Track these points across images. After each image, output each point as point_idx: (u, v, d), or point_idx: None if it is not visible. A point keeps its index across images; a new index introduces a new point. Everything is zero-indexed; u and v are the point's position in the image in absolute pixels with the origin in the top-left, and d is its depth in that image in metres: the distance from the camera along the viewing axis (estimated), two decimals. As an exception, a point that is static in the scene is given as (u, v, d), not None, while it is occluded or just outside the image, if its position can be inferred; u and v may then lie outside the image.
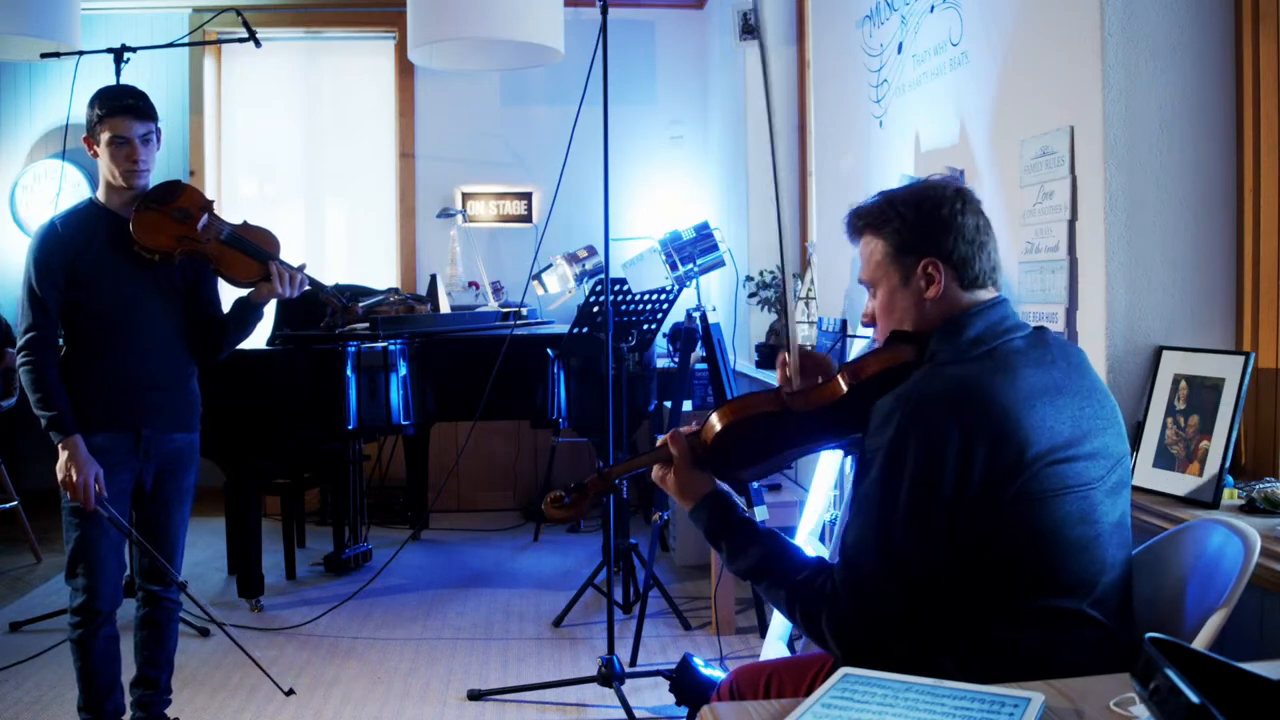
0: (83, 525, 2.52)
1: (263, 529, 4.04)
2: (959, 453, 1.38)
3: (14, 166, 5.69)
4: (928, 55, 2.97)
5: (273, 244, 2.75)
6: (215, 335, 2.75)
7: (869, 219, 1.61)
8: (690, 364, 3.77)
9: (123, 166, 2.54)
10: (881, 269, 1.59)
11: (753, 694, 1.74)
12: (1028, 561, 1.41)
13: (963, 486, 1.38)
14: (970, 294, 1.55)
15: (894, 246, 1.57)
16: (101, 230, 2.57)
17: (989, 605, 1.42)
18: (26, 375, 2.51)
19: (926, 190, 1.58)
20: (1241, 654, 1.32)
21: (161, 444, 2.65)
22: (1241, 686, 0.97)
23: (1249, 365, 1.90)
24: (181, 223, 2.60)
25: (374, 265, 5.94)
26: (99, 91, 2.57)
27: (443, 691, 3.19)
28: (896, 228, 1.57)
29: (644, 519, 4.91)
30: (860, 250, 1.65)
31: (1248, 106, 2.09)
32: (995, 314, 1.53)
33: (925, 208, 1.55)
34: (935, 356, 1.52)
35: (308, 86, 6.00)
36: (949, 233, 1.54)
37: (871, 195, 1.64)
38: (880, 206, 1.60)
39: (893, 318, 1.60)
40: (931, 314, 1.56)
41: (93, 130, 2.53)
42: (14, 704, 3.05)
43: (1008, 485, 1.38)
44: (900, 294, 1.58)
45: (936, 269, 1.54)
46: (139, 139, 2.53)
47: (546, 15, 3.69)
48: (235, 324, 2.74)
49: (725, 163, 5.52)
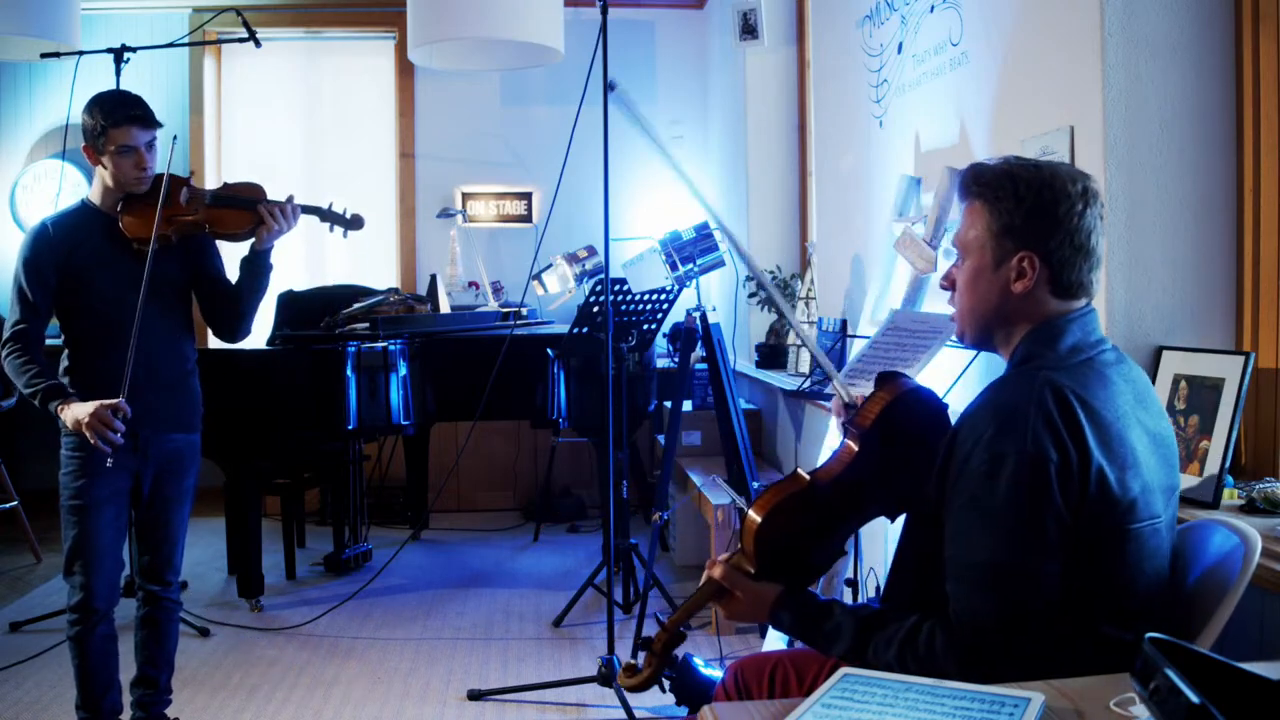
0: (80, 523, 2.52)
1: (263, 529, 4.04)
2: (1066, 462, 1.32)
3: (14, 166, 5.69)
4: (928, 55, 2.97)
5: (257, 190, 2.76)
6: (234, 305, 2.73)
7: (985, 188, 1.49)
8: (690, 364, 3.77)
9: (131, 174, 2.55)
10: (978, 243, 1.50)
11: (757, 684, 1.73)
12: (1111, 590, 1.37)
13: (1068, 497, 1.33)
14: (1060, 301, 1.47)
15: (999, 226, 1.47)
16: (95, 231, 2.57)
17: (1073, 626, 1.37)
18: (11, 364, 2.52)
19: (1054, 178, 1.46)
20: (1241, 654, 1.32)
21: (160, 444, 2.64)
22: (1241, 686, 0.97)
23: (1249, 365, 1.90)
24: (165, 205, 2.61)
25: (374, 265, 5.94)
26: (99, 100, 2.54)
27: (443, 691, 3.19)
28: (1009, 207, 1.46)
29: (644, 519, 4.91)
30: (964, 212, 1.54)
31: (1248, 106, 2.09)
32: (1090, 322, 1.47)
33: (1045, 197, 1.44)
34: (1028, 360, 1.45)
35: (308, 86, 6.00)
36: (1059, 232, 1.44)
37: (1000, 157, 1.53)
38: (1001, 178, 1.48)
39: (973, 298, 1.52)
40: (1011, 309, 1.48)
41: (95, 138, 2.52)
42: (14, 704, 3.05)
43: (1109, 505, 1.34)
44: (987, 277, 1.49)
45: (1032, 265, 1.45)
46: (145, 146, 2.55)
47: (546, 15, 3.69)
48: (248, 281, 2.72)
49: (725, 163, 5.52)
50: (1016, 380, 1.42)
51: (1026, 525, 1.33)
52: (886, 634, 1.43)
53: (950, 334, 2.51)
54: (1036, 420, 1.34)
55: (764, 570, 1.55)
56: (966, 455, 1.39)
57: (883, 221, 3.27)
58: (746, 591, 1.56)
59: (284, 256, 2.78)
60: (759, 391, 4.88)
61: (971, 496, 1.37)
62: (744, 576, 1.56)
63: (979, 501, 1.36)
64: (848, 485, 1.58)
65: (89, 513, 2.52)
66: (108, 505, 2.55)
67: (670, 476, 3.82)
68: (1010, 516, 1.33)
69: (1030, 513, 1.33)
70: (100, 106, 2.52)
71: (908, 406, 1.64)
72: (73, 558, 2.54)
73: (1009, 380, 1.44)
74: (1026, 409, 1.35)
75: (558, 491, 5.47)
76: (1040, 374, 1.40)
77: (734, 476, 3.59)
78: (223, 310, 2.75)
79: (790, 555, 1.58)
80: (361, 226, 2.99)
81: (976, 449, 1.37)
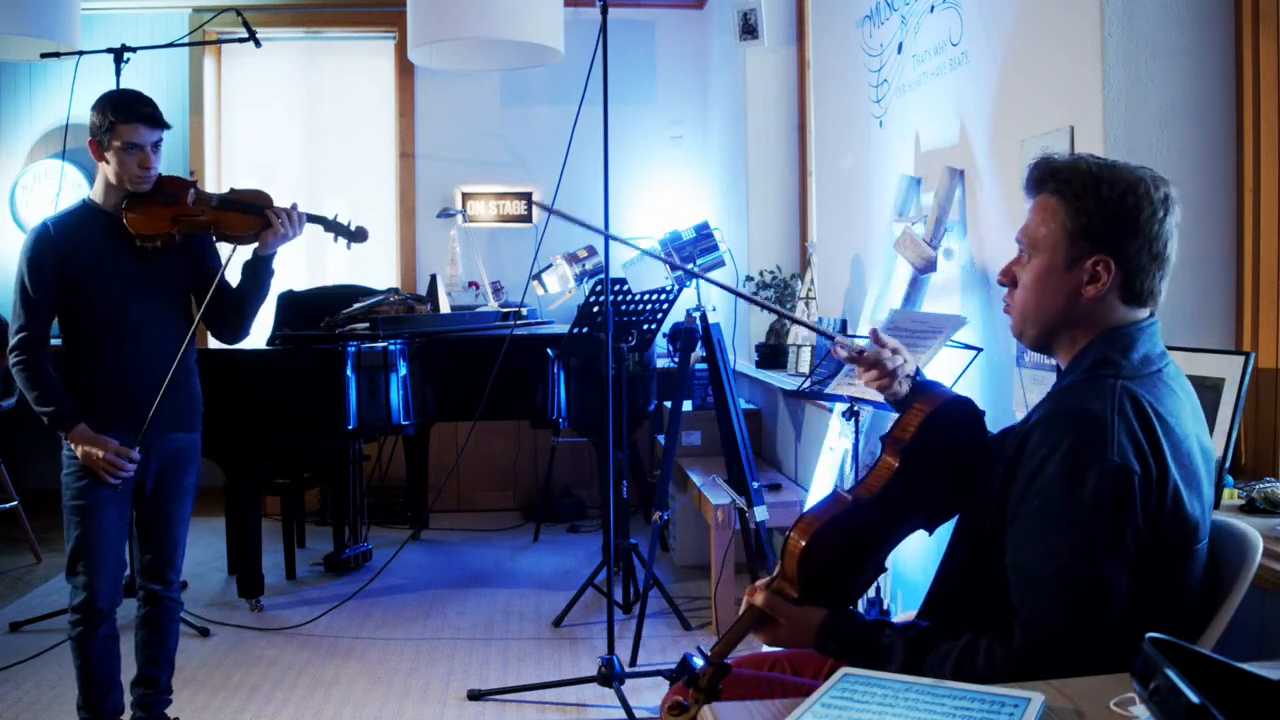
0: (83, 523, 2.53)
1: (263, 529, 4.04)
2: (1148, 476, 1.30)
3: (14, 166, 5.69)
4: (928, 55, 2.97)
5: (263, 197, 2.76)
6: (234, 308, 2.73)
7: (1063, 181, 1.42)
8: (690, 364, 3.77)
9: (134, 172, 2.55)
10: (1050, 240, 1.43)
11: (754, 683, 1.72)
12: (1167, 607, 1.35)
13: (1147, 512, 1.30)
14: (1129, 309, 1.42)
15: (1078, 225, 1.40)
16: (97, 230, 2.57)
17: None
18: (20, 375, 2.52)
19: (1137, 180, 1.40)
20: (1241, 654, 1.32)
21: (162, 444, 2.65)
22: (1241, 686, 0.97)
23: (1249, 365, 1.90)
24: (171, 204, 2.61)
25: (374, 265, 5.93)
26: (111, 97, 2.56)
27: (443, 691, 3.19)
28: (1091, 207, 1.39)
29: (644, 519, 4.91)
30: (1033, 206, 1.47)
31: (1248, 107, 2.09)
32: (1157, 333, 1.43)
33: (1129, 200, 1.38)
34: (1099, 367, 1.40)
35: (308, 86, 6.00)
36: (1139, 238, 1.38)
37: (1072, 154, 1.47)
38: (1081, 174, 1.41)
39: (1039, 298, 1.45)
40: (1079, 313, 1.43)
41: (103, 135, 2.52)
42: (14, 704, 3.05)
43: (1179, 523, 1.32)
44: (1058, 277, 1.43)
45: (1107, 269, 1.39)
46: (150, 146, 2.55)
47: (546, 15, 3.69)
48: (250, 286, 2.73)
49: (725, 163, 5.52)
50: (1091, 388, 1.36)
51: (1106, 535, 1.29)
52: (940, 651, 1.39)
53: (950, 334, 2.51)
54: (1120, 431, 1.30)
55: (807, 594, 1.52)
56: (1039, 463, 1.34)
57: (883, 221, 3.27)
58: (790, 618, 1.51)
59: (285, 257, 2.78)
60: (759, 391, 4.88)
61: (1045, 505, 1.32)
62: (787, 602, 1.52)
63: (1054, 510, 1.31)
64: (890, 501, 1.56)
65: (92, 513, 2.53)
66: (110, 505, 2.56)
67: (670, 476, 3.82)
68: (1089, 527, 1.29)
69: (1111, 524, 1.29)
70: (111, 102, 2.53)
71: (946, 417, 1.61)
72: (76, 558, 2.54)
73: (1082, 387, 1.38)
74: (1108, 418, 1.31)
75: (558, 491, 5.47)
76: (1117, 383, 1.35)
77: (734, 476, 3.59)
78: (222, 312, 2.75)
79: (833, 577, 1.55)
80: (365, 239, 2.99)
81: (1052, 457, 1.32)
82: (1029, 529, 1.35)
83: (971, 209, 2.73)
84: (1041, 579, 1.32)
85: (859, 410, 2.84)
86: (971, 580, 1.49)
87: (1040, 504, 1.33)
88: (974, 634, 1.38)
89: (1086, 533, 1.30)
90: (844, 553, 1.56)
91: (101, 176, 2.59)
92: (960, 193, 2.77)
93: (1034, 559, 1.34)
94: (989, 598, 1.40)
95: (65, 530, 2.55)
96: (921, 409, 1.60)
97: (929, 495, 1.60)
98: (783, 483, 4.14)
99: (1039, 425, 1.37)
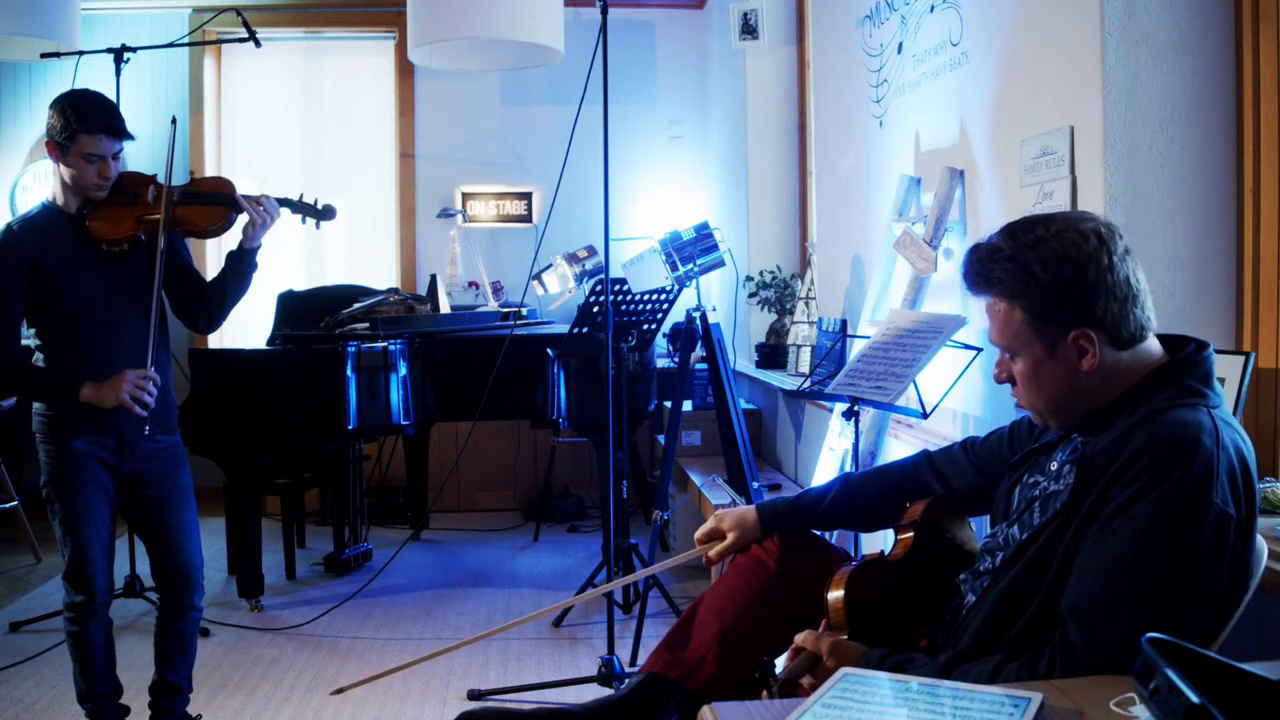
0: (74, 530, 2.53)
1: (263, 529, 4.04)
2: (1239, 521, 1.27)
3: (14, 166, 5.69)
4: (928, 55, 2.97)
5: (226, 185, 2.72)
6: (211, 299, 2.70)
7: (998, 284, 1.39)
8: (690, 364, 3.77)
9: (91, 181, 2.50)
10: (1021, 339, 1.40)
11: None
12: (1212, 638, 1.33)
13: (1235, 553, 1.27)
14: (1130, 353, 1.39)
15: (1034, 316, 1.37)
16: (63, 233, 2.52)
17: None
18: (5, 373, 2.51)
19: (1066, 246, 1.35)
20: (1241, 654, 1.32)
21: (143, 445, 2.62)
22: (1241, 686, 0.97)
23: (1249, 365, 1.90)
24: (132, 204, 2.58)
25: (374, 265, 5.93)
26: (73, 101, 2.46)
27: (443, 691, 3.19)
28: (1035, 293, 1.35)
29: (644, 519, 4.91)
30: (988, 307, 1.44)
31: (1248, 107, 2.09)
32: (1207, 360, 1.39)
33: (1068, 272, 1.34)
34: (1156, 397, 1.35)
35: (308, 86, 6.00)
36: (1098, 295, 1.34)
37: (996, 233, 1.41)
38: (1012, 269, 1.37)
39: (1042, 392, 1.42)
40: (1089, 386, 1.39)
41: (63, 139, 2.45)
42: (14, 704, 3.05)
43: (1246, 563, 1.30)
44: (1049, 366, 1.39)
45: (1089, 340, 1.36)
46: (111, 156, 2.51)
47: (546, 15, 3.69)
48: (233, 278, 2.68)
49: (725, 163, 5.52)
50: (1181, 424, 1.30)
51: (1197, 582, 1.25)
52: (978, 667, 1.35)
53: (950, 334, 2.51)
54: (1222, 473, 1.26)
55: (856, 635, 1.57)
56: (1129, 498, 1.28)
57: (883, 221, 3.27)
58: (839, 656, 1.46)
59: (284, 257, 2.77)
60: (759, 391, 4.88)
61: (1137, 537, 1.26)
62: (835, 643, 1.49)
63: (1142, 547, 1.26)
64: (919, 562, 1.72)
65: (82, 521, 2.53)
66: (100, 510, 2.57)
67: (670, 476, 3.82)
68: (1182, 567, 1.25)
69: (1203, 566, 1.25)
70: (74, 107, 2.45)
71: (941, 516, 1.79)
72: (74, 566, 2.55)
73: (1171, 424, 1.31)
74: (1210, 460, 1.26)
75: (558, 491, 5.47)
76: (1215, 418, 1.31)
77: (734, 476, 3.59)
78: (197, 304, 2.71)
79: (875, 620, 1.63)
80: (333, 217, 2.90)
81: (1148, 494, 1.26)
82: (1113, 556, 1.28)
83: (971, 209, 2.73)
84: (1110, 619, 1.27)
85: (859, 410, 2.84)
86: (1012, 613, 1.42)
87: (1132, 534, 1.27)
88: (1009, 654, 1.36)
89: (1177, 578, 1.25)
90: (887, 595, 1.68)
91: (58, 178, 2.54)
92: (960, 193, 2.77)
93: (1108, 595, 1.28)
94: (1027, 621, 1.37)
95: (59, 542, 2.57)
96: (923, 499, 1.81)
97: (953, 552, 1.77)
98: (782, 483, 4.14)
99: (1124, 458, 1.30)
